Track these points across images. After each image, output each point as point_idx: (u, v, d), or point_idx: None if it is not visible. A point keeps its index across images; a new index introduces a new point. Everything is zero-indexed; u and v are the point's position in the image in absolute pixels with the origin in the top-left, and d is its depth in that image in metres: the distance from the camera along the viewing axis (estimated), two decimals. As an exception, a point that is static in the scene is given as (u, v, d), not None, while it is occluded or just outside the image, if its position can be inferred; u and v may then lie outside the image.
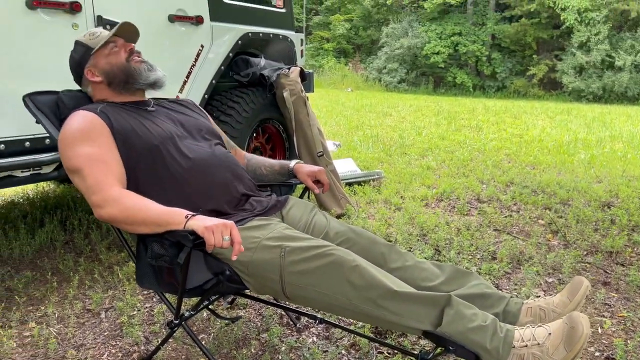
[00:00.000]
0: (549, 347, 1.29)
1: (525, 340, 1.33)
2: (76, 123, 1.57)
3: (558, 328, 1.32)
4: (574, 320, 1.29)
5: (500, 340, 1.33)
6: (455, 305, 1.36)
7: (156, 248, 1.47)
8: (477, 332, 1.33)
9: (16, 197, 3.49)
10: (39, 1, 2.11)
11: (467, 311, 1.36)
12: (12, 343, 1.82)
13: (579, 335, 1.26)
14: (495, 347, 1.32)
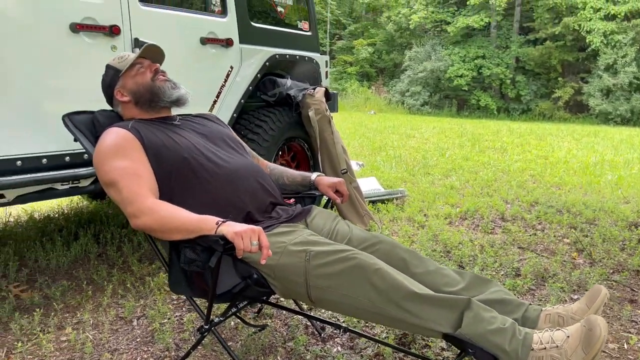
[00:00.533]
0: (567, 350, 1.32)
1: (544, 343, 1.35)
2: (110, 139, 1.67)
3: (576, 331, 1.34)
4: (592, 323, 1.31)
5: (519, 342, 1.35)
6: (475, 308, 1.40)
7: (189, 253, 1.55)
8: (496, 334, 1.36)
9: (52, 213, 3.63)
10: (82, 25, 2.25)
11: (486, 314, 1.40)
12: (51, 346, 1.90)
13: (596, 337, 1.29)
14: (514, 349, 1.34)
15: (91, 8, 2.29)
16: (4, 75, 2.02)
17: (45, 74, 2.17)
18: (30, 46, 2.09)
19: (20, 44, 2.06)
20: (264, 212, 1.75)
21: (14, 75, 2.05)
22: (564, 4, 18.51)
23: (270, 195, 1.80)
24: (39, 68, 2.13)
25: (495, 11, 19.81)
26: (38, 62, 2.13)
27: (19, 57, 2.06)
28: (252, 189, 1.76)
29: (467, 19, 19.90)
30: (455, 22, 20.28)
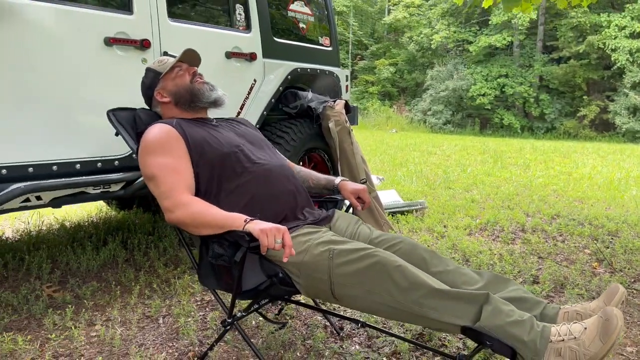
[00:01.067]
0: (585, 340, 1.34)
1: (561, 335, 1.38)
2: (155, 134, 1.77)
3: (593, 322, 1.37)
4: (608, 314, 1.34)
5: (538, 334, 1.38)
6: (494, 302, 1.44)
7: (217, 248, 1.63)
8: (514, 326, 1.39)
9: (82, 221, 3.77)
10: (115, 39, 2.39)
11: (504, 307, 1.43)
12: (82, 340, 2.00)
13: (613, 326, 1.31)
14: (532, 340, 1.37)
15: (124, 23, 2.43)
16: (42, 86, 2.15)
17: (81, 84, 2.31)
18: (67, 58, 2.23)
19: (58, 57, 2.20)
20: (293, 212, 1.82)
21: (52, 85, 2.19)
22: (588, 23, 18.44)
23: (300, 197, 1.88)
24: (74, 79, 2.27)
25: (518, 30, 19.83)
26: (74, 73, 2.26)
27: (56, 69, 2.20)
28: (285, 189, 1.84)
29: (489, 38, 19.95)
30: (477, 41, 20.36)
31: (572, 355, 1.34)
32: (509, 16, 19.31)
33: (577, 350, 1.34)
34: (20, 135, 2.11)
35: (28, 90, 2.11)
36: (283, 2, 3.48)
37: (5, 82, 2.03)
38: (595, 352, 1.32)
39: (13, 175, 2.11)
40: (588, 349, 1.34)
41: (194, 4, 2.91)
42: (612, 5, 19.51)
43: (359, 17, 26.33)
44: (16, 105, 2.08)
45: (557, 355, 1.36)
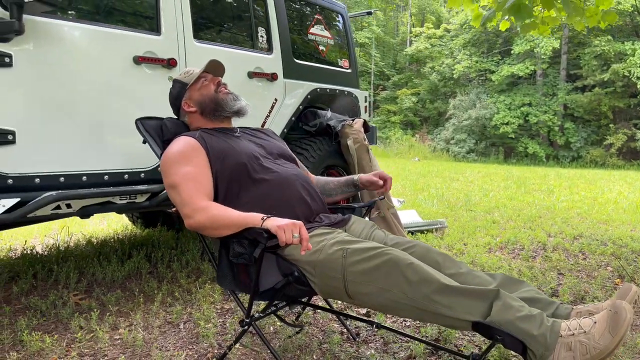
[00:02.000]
0: (595, 334, 1.35)
1: (572, 329, 1.39)
2: (178, 146, 1.88)
3: (602, 316, 1.38)
4: (617, 307, 1.35)
5: (548, 329, 1.39)
6: (504, 297, 1.46)
7: (237, 247, 1.70)
8: (524, 320, 1.41)
9: (108, 237, 3.89)
10: (144, 57, 2.53)
11: (514, 303, 1.45)
12: (106, 341, 2.06)
13: (622, 319, 1.32)
14: (542, 335, 1.38)
15: (152, 43, 2.57)
16: (74, 101, 2.28)
17: (110, 100, 2.44)
18: (98, 75, 2.36)
19: (90, 73, 2.33)
20: (308, 217, 1.88)
21: (83, 100, 2.32)
22: (612, 51, 18.37)
23: (315, 203, 1.95)
24: (105, 95, 2.40)
25: (541, 59, 19.84)
26: (104, 90, 2.40)
27: (88, 85, 2.33)
28: (300, 195, 1.91)
29: (511, 68, 20.00)
30: (500, 70, 20.41)
31: (583, 349, 1.35)
32: (531, 45, 19.38)
33: (587, 343, 1.35)
34: (53, 147, 2.23)
35: (61, 105, 2.24)
36: (304, 26, 3.63)
37: (41, 97, 2.17)
38: (605, 345, 1.33)
39: (46, 184, 2.23)
40: (598, 342, 1.35)
41: (219, 26, 3.05)
42: (637, 34, 19.43)
43: (381, 48, 26.75)
44: (50, 119, 2.21)
45: (568, 350, 1.37)
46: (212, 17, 2.99)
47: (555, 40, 19.05)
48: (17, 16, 2.01)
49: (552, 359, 1.38)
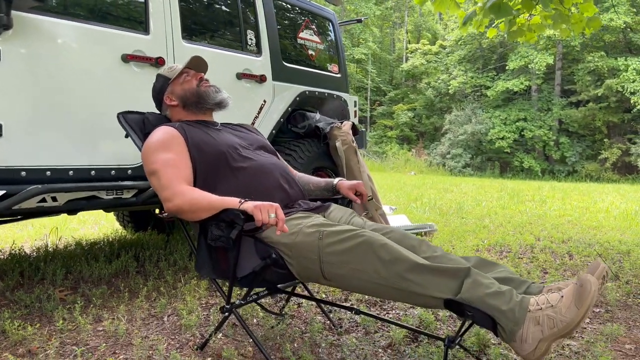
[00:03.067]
0: (562, 308, 1.37)
1: (539, 304, 1.41)
2: (158, 135, 1.92)
3: (569, 290, 1.40)
4: (583, 280, 1.38)
5: (516, 304, 1.42)
6: (474, 275, 1.49)
7: (214, 230, 1.72)
8: (494, 297, 1.43)
9: (98, 240, 3.90)
10: (132, 56, 2.58)
11: (484, 280, 1.48)
12: (89, 331, 2.07)
13: (587, 292, 1.34)
14: (511, 310, 1.41)
15: (140, 42, 2.62)
16: (62, 97, 2.32)
17: (98, 97, 2.47)
18: (86, 72, 2.40)
19: (78, 70, 2.37)
20: (286, 204, 1.91)
21: (71, 96, 2.36)
22: (605, 67, 18.57)
23: (294, 190, 1.98)
24: (93, 92, 2.44)
25: (536, 75, 20.04)
26: (92, 86, 2.43)
27: (76, 81, 2.37)
28: (278, 183, 1.95)
29: (506, 83, 20.18)
30: (495, 86, 20.59)
31: (550, 322, 1.37)
32: (525, 61, 19.59)
33: (554, 317, 1.37)
34: (40, 142, 2.26)
35: (48, 100, 2.27)
36: (293, 30, 3.69)
37: (29, 92, 2.20)
38: (571, 318, 1.35)
39: (32, 177, 2.25)
40: (564, 315, 1.37)
41: (207, 27, 3.11)
42: (630, 50, 19.67)
43: (377, 64, 26.99)
44: (37, 114, 2.24)
45: (536, 324, 1.39)
46: (201, 19, 3.04)
47: (549, 56, 19.27)
48: (5, 11, 2.06)
49: (520, 333, 1.39)
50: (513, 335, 1.41)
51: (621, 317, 2.35)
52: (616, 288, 2.72)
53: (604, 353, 1.85)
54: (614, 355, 1.92)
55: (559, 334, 1.37)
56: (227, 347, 1.98)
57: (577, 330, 2.20)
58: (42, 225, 4.69)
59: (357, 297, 2.59)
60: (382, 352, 1.91)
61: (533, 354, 1.40)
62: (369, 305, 2.49)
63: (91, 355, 1.85)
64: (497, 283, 1.49)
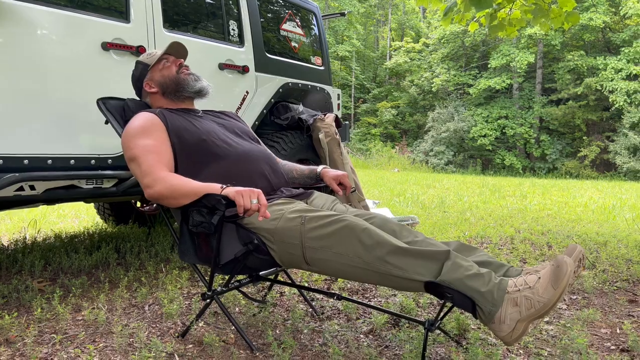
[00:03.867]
0: (539, 288, 1.40)
1: (517, 286, 1.44)
2: (138, 121, 1.91)
3: (546, 271, 1.43)
4: (559, 261, 1.40)
5: (495, 286, 1.44)
6: (454, 258, 1.50)
7: (196, 216, 1.71)
8: (473, 278, 1.45)
9: (77, 232, 3.85)
10: (112, 44, 2.55)
11: (464, 263, 1.50)
12: (68, 320, 2.05)
13: (563, 272, 1.37)
14: (490, 291, 1.43)
15: (121, 30, 2.59)
16: (41, 83, 2.28)
17: (78, 85, 2.44)
18: (66, 59, 2.37)
19: (58, 58, 2.34)
20: (269, 191, 1.91)
21: (50, 84, 2.32)
22: (585, 66, 18.86)
23: (276, 178, 1.98)
24: (72, 79, 2.40)
25: (517, 73, 20.26)
26: (72, 74, 2.40)
27: (55, 69, 2.33)
28: (260, 170, 1.94)
29: (488, 81, 20.38)
30: (477, 84, 20.78)
31: (528, 303, 1.40)
32: (507, 60, 19.81)
33: (531, 298, 1.40)
34: (18, 129, 2.22)
35: (26, 88, 2.23)
36: (276, 22, 3.68)
37: (7, 78, 2.17)
38: (548, 299, 1.38)
39: (9, 165, 2.21)
40: (542, 296, 1.39)
41: (189, 16, 3.08)
42: (608, 50, 20.01)
43: (361, 61, 27.05)
44: (16, 100, 2.20)
45: (514, 305, 1.41)
46: (182, 8, 3.02)
47: (531, 55, 19.51)
48: (-20, -5, 2.02)
49: (499, 314, 1.42)
50: (491, 316, 1.43)
51: (597, 303, 2.40)
52: (593, 276, 2.77)
53: (580, 336, 1.88)
54: (591, 339, 1.96)
55: (537, 314, 1.39)
56: (208, 334, 1.97)
57: (554, 312, 2.24)
58: (21, 219, 4.62)
59: (340, 285, 2.60)
60: (363, 338, 1.92)
61: (511, 335, 1.42)
62: (351, 293, 2.50)
63: (70, 344, 1.83)
64: (477, 266, 1.51)
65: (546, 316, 1.50)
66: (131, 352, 1.76)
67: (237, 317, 2.15)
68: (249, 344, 1.79)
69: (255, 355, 1.74)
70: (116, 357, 1.72)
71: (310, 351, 1.79)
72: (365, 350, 1.76)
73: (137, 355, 1.70)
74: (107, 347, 1.81)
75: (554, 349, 1.84)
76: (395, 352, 1.80)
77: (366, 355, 1.73)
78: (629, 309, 2.30)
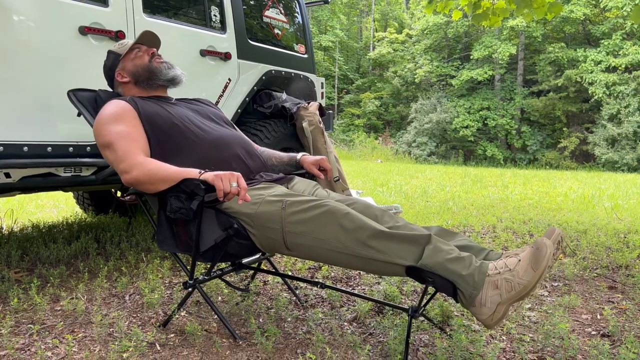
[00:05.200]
0: (519, 271, 1.40)
1: (498, 268, 1.44)
2: (109, 108, 1.87)
3: (526, 254, 1.43)
4: (539, 243, 1.41)
5: (476, 269, 1.44)
6: (435, 242, 1.50)
7: (174, 202, 1.68)
8: (453, 262, 1.45)
9: (56, 222, 3.78)
10: (90, 28, 2.48)
11: (445, 247, 1.49)
12: (45, 311, 2.00)
13: (543, 254, 1.37)
14: (471, 275, 1.43)
15: (99, 14, 2.52)
16: (17, 70, 2.22)
17: (55, 70, 2.37)
18: (42, 45, 2.30)
19: (33, 43, 2.27)
20: (247, 175, 1.88)
21: (26, 70, 2.25)
22: (565, 58, 19.07)
23: (254, 162, 1.96)
24: (48, 64, 2.34)
25: (499, 65, 20.41)
26: (48, 59, 2.33)
27: (32, 54, 2.27)
28: (237, 155, 1.92)
29: (471, 72, 20.49)
30: (460, 75, 20.88)
31: (508, 285, 1.40)
32: (489, 51, 19.93)
33: (512, 280, 1.40)
34: (-9, 116, 2.16)
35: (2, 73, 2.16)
36: (258, 8, 3.63)
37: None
38: (528, 280, 1.38)
39: (-17, 152, 2.16)
40: (522, 278, 1.40)
41: (169, 1, 3.02)
42: (588, 42, 20.24)
43: (344, 52, 26.97)
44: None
45: (495, 288, 1.42)
46: (163, -7, 2.96)
47: (512, 47, 19.65)
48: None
49: (480, 298, 1.42)
50: (472, 300, 1.43)
51: (578, 290, 2.43)
52: (574, 263, 2.80)
53: (562, 322, 1.90)
54: (572, 324, 1.98)
55: (517, 296, 1.40)
56: (190, 324, 1.94)
57: (535, 298, 2.26)
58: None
59: (324, 273, 2.59)
60: (347, 325, 1.92)
61: (492, 318, 1.43)
62: (335, 282, 2.49)
63: (48, 334, 1.79)
64: (457, 250, 1.51)
65: (526, 298, 1.50)
66: (111, 341, 1.73)
67: (220, 306, 2.12)
68: (232, 333, 1.77)
69: (239, 344, 1.72)
70: (95, 347, 1.69)
71: (294, 339, 1.78)
72: (350, 337, 1.75)
73: (117, 344, 1.67)
74: (87, 337, 1.77)
75: (536, 335, 1.85)
76: (379, 339, 1.80)
77: (350, 342, 1.72)
78: (609, 295, 2.33)
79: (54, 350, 1.66)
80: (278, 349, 1.69)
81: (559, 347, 1.71)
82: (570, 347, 1.69)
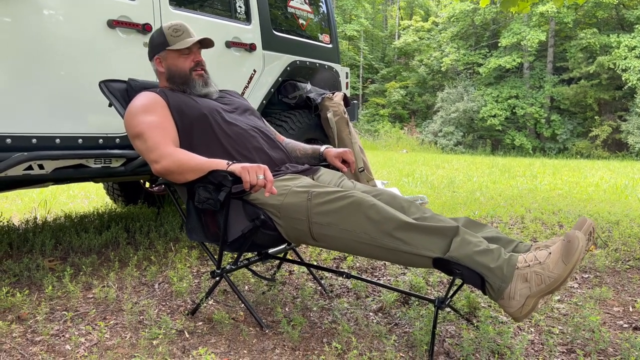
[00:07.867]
0: (549, 264, 1.38)
1: (528, 261, 1.41)
2: (140, 100, 1.90)
3: (557, 247, 1.41)
4: (571, 236, 1.38)
5: (505, 261, 1.42)
6: (462, 234, 1.49)
7: (202, 193, 1.70)
8: (482, 254, 1.43)
9: (87, 212, 3.87)
10: (118, 21, 2.52)
11: (473, 239, 1.48)
12: (79, 297, 2.06)
13: (575, 247, 1.35)
14: (499, 267, 1.41)
15: (127, 7, 2.56)
16: (47, 63, 2.27)
17: (84, 63, 2.42)
18: (72, 38, 2.35)
19: (64, 36, 2.32)
20: (272, 166, 1.89)
21: (56, 62, 2.30)
22: (598, 44, 18.53)
23: (276, 153, 1.96)
24: (78, 58, 2.38)
25: (528, 52, 19.96)
26: (78, 52, 2.38)
27: (62, 47, 2.31)
28: (262, 146, 1.93)
29: (499, 60, 20.09)
30: (487, 63, 20.50)
31: (538, 279, 1.38)
32: (518, 38, 19.50)
33: (542, 273, 1.38)
34: (25, 109, 2.21)
35: (33, 66, 2.22)
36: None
37: (12, 57, 2.15)
38: (559, 274, 1.36)
39: (17, 145, 2.21)
40: (552, 271, 1.37)
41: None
42: (622, 27, 19.62)
43: (369, 41, 26.76)
44: (22, 80, 2.19)
45: (524, 281, 1.39)
46: (188, -15, 2.98)
47: (542, 33, 19.17)
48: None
49: (508, 290, 1.40)
50: (501, 292, 1.41)
51: (610, 282, 2.38)
52: (605, 255, 2.74)
53: (593, 314, 1.86)
54: (603, 317, 1.94)
55: (547, 290, 1.38)
56: (218, 312, 1.97)
57: (565, 290, 2.23)
58: (31, 200, 4.65)
59: (349, 264, 2.60)
60: (373, 315, 1.92)
61: (520, 311, 1.41)
62: (360, 272, 2.49)
63: (81, 321, 1.84)
64: (486, 242, 1.49)
65: (556, 292, 1.48)
66: (141, 328, 1.77)
67: (247, 295, 2.15)
68: (259, 321, 1.79)
69: (265, 333, 1.74)
70: (127, 334, 1.73)
71: (320, 328, 1.79)
72: (375, 327, 1.75)
73: (147, 332, 1.71)
74: (118, 324, 1.82)
75: (565, 327, 1.82)
76: (405, 330, 1.79)
77: (376, 332, 1.72)
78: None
79: (87, 336, 1.71)
80: (304, 338, 1.70)
81: (589, 340, 1.69)
82: (600, 340, 1.66)
